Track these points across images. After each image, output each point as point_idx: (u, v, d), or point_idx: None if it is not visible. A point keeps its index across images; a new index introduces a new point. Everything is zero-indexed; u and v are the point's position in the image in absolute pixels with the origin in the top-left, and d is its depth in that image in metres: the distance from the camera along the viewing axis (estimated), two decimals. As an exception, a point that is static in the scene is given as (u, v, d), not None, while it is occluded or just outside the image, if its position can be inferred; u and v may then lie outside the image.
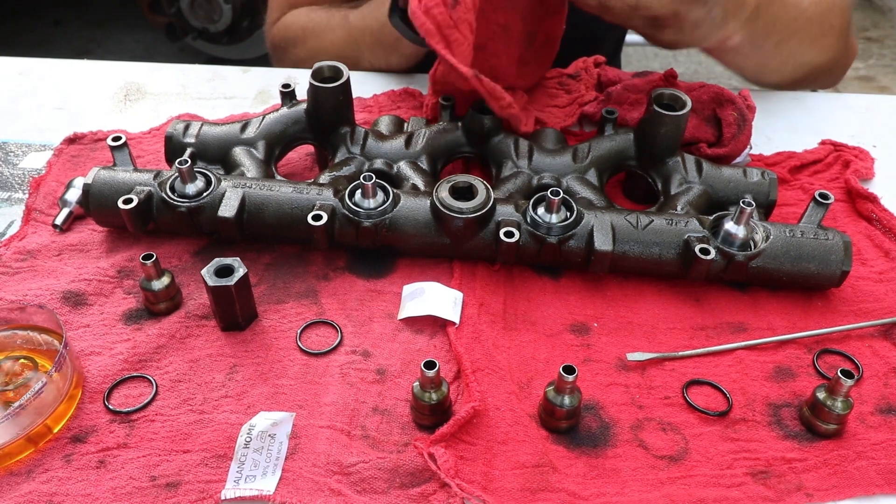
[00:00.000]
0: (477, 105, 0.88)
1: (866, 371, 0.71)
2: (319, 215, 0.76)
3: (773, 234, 0.76)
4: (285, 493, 0.60)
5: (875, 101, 1.12)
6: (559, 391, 0.64)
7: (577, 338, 0.74)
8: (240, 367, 0.70)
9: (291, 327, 0.74)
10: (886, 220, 0.86)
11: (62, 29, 3.51)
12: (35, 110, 1.07)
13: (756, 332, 0.75)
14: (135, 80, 1.14)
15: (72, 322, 0.74)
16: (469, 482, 0.60)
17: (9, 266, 0.80)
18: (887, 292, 0.79)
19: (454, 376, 0.70)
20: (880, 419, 0.67)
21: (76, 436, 0.64)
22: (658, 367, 0.72)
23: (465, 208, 0.76)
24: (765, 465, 0.63)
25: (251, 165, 0.85)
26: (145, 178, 0.81)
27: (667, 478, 0.62)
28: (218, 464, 0.62)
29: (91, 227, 0.85)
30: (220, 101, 1.09)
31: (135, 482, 0.61)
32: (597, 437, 0.66)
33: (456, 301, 0.75)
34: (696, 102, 0.92)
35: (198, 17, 2.97)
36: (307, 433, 0.65)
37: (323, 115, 0.88)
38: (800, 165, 0.96)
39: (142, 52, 3.34)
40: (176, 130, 0.88)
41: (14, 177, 0.95)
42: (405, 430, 0.65)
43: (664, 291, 0.79)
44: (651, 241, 0.76)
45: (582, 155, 0.87)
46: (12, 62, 1.18)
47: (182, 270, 0.80)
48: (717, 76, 3.38)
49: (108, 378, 0.69)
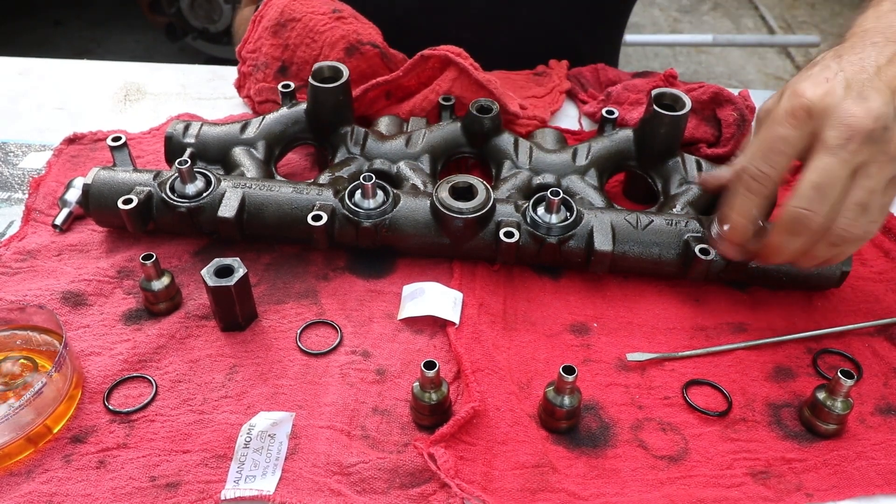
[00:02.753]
0: (476, 105, 0.88)
1: (866, 371, 0.71)
2: (319, 215, 0.76)
3: (773, 235, 0.76)
4: (285, 493, 0.60)
5: (875, 101, 1.12)
6: (559, 391, 0.64)
7: (577, 338, 0.74)
8: (240, 368, 0.70)
9: (291, 327, 0.74)
10: (886, 220, 0.86)
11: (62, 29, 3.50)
12: (35, 110, 1.07)
13: (756, 332, 0.75)
14: (135, 80, 1.14)
15: (72, 322, 0.74)
16: (469, 482, 0.60)
17: (9, 266, 0.80)
18: (887, 292, 0.79)
19: (454, 376, 0.70)
20: (880, 419, 0.67)
21: (76, 436, 0.64)
22: (658, 367, 0.72)
23: (465, 208, 0.76)
24: (765, 466, 0.63)
25: (251, 166, 0.85)
26: (145, 178, 0.81)
27: (667, 478, 0.62)
28: (218, 464, 0.62)
29: (91, 227, 0.85)
30: (220, 101, 1.09)
31: (135, 482, 0.61)
32: (597, 437, 0.66)
33: (456, 301, 0.75)
34: (696, 102, 0.92)
35: (198, 17, 2.97)
36: (307, 433, 0.65)
37: (323, 115, 0.88)
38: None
39: (142, 52, 3.34)
40: (176, 130, 0.88)
41: (14, 177, 0.95)
42: (405, 430, 0.65)
43: (664, 291, 0.79)
44: (651, 242, 0.76)
45: (582, 155, 0.87)
46: (12, 62, 1.18)
47: (182, 270, 0.80)
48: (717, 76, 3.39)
49: (108, 378, 0.69)
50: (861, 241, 0.66)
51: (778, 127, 0.66)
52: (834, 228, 0.64)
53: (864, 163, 0.63)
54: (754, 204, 0.68)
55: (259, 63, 1.01)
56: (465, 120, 0.89)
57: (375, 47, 0.98)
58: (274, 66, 1.00)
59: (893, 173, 0.64)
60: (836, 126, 0.63)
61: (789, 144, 0.65)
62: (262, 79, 1.01)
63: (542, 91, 1.08)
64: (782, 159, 0.66)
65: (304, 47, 0.97)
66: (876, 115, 0.62)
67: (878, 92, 0.63)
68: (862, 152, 0.62)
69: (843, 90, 0.64)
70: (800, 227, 0.65)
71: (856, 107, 0.62)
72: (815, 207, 0.64)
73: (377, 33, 1.01)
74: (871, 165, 0.63)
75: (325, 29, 0.97)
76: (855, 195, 0.63)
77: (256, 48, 1.01)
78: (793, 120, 0.65)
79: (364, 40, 0.98)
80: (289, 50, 0.98)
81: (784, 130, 0.65)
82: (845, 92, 0.63)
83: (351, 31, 0.98)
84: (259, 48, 1.01)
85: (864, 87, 0.63)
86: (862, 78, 0.64)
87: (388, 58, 1.00)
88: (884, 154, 0.62)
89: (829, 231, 0.65)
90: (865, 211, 0.64)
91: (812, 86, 0.65)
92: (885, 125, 0.62)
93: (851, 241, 0.65)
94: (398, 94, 0.98)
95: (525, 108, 0.98)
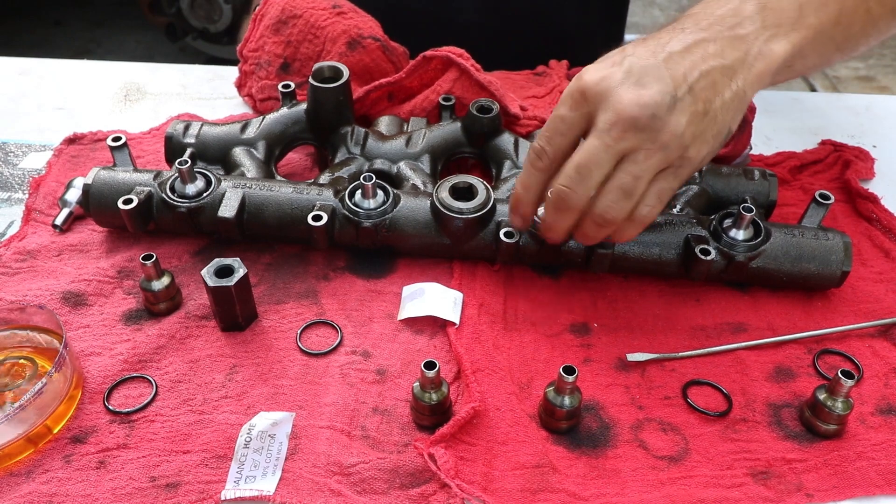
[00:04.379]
0: (477, 105, 0.88)
1: (866, 371, 0.71)
2: (319, 215, 0.76)
3: (774, 235, 0.76)
4: (285, 493, 0.60)
5: (875, 101, 1.12)
6: (559, 391, 0.64)
7: (578, 338, 0.74)
8: (240, 368, 0.70)
9: (291, 327, 0.74)
10: (886, 221, 0.86)
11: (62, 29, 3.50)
12: (35, 110, 1.07)
13: (756, 332, 0.75)
14: (135, 80, 1.14)
15: (72, 322, 0.74)
16: (469, 483, 0.60)
17: (9, 266, 0.80)
18: (887, 292, 0.79)
19: (454, 377, 0.70)
20: (880, 419, 0.67)
21: (76, 436, 0.64)
22: (658, 367, 0.72)
23: (465, 209, 0.76)
24: (765, 466, 0.63)
25: (251, 166, 0.85)
26: (145, 178, 0.81)
27: (667, 478, 0.62)
28: (218, 464, 0.62)
29: (91, 227, 0.85)
30: (220, 101, 1.09)
31: (135, 483, 0.61)
32: (597, 437, 0.66)
33: (456, 301, 0.75)
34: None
35: (198, 17, 2.97)
36: (307, 433, 0.65)
37: (323, 116, 0.88)
38: (800, 166, 0.96)
39: (142, 52, 3.34)
40: (176, 131, 0.88)
41: (14, 177, 0.95)
42: (405, 430, 0.65)
43: (664, 291, 0.79)
44: (651, 242, 0.76)
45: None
46: (12, 62, 1.18)
47: (182, 270, 0.80)
48: (717, 76, 3.38)
49: (108, 378, 0.69)
50: (637, 224, 0.67)
51: (560, 107, 0.67)
52: (595, 208, 0.66)
53: (632, 149, 0.63)
54: (536, 179, 0.69)
55: (262, 61, 1.01)
56: (465, 120, 0.89)
57: (377, 41, 0.98)
58: (276, 63, 1.00)
59: (664, 161, 0.64)
60: (605, 110, 0.63)
61: (567, 125, 0.66)
62: (264, 76, 1.01)
63: (543, 91, 1.08)
64: (560, 139, 0.67)
65: (306, 43, 0.98)
66: (645, 103, 0.62)
67: (657, 80, 0.63)
68: (627, 138, 0.63)
69: (623, 75, 0.64)
70: (562, 204, 0.66)
71: (627, 93, 0.63)
72: (575, 186, 0.65)
73: (377, 26, 1.01)
74: (639, 152, 0.63)
75: (327, 24, 0.98)
76: (617, 178, 0.64)
77: (258, 46, 1.01)
78: (570, 101, 0.66)
79: (365, 34, 0.98)
80: (291, 46, 0.99)
81: (563, 111, 0.67)
82: (624, 77, 0.64)
83: (352, 26, 0.98)
84: (261, 46, 1.01)
85: (645, 74, 0.63)
86: (646, 64, 0.64)
87: (389, 51, 1.00)
88: (652, 142, 0.62)
89: (591, 211, 0.66)
90: (628, 195, 0.64)
91: (595, 69, 0.66)
92: (654, 114, 0.62)
93: (614, 222, 0.66)
94: (400, 95, 0.98)
95: (525, 108, 0.98)
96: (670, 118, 0.62)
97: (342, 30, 0.97)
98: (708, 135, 0.64)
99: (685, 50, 0.65)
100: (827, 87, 3.28)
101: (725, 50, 0.65)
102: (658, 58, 0.64)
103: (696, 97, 0.63)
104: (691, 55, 0.64)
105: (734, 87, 0.65)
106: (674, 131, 0.62)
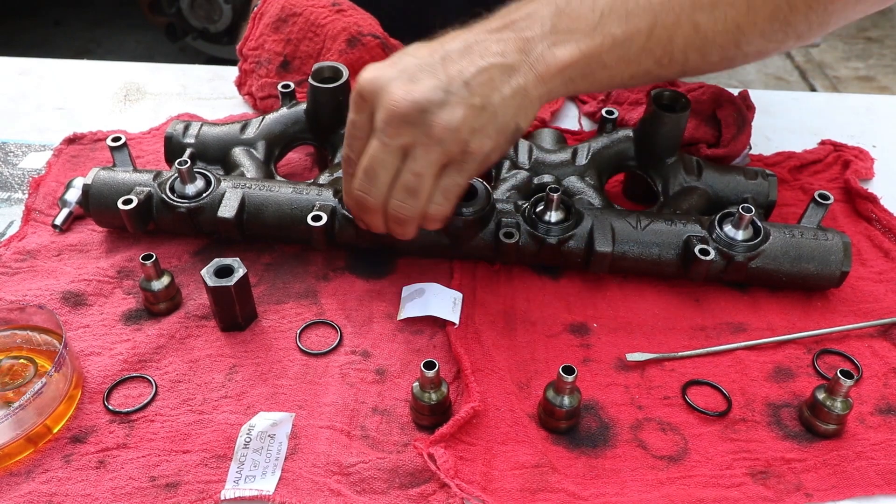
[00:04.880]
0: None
1: (866, 371, 0.71)
2: (319, 216, 0.76)
3: (773, 235, 0.76)
4: (285, 493, 0.60)
5: (875, 101, 1.12)
6: (559, 391, 0.64)
7: (577, 338, 0.74)
8: (239, 368, 0.70)
9: (291, 327, 0.74)
10: (886, 221, 0.86)
11: (62, 29, 3.50)
12: (35, 110, 1.07)
13: (756, 332, 0.75)
14: (135, 80, 1.14)
15: (71, 322, 0.74)
16: (469, 482, 0.60)
17: (8, 266, 0.80)
18: (887, 292, 0.79)
19: (454, 376, 0.70)
20: (880, 419, 0.67)
21: (76, 436, 0.64)
22: (658, 367, 0.72)
23: (466, 209, 0.76)
24: (764, 466, 0.63)
25: (251, 166, 0.85)
26: (145, 178, 0.81)
27: (666, 478, 0.62)
28: (217, 464, 0.62)
29: (91, 227, 0.85)
30: (220, 101, 1.09)
31: (134, 482, 0.61)
32: (596, 437, 0.66)
33: (455, 301, 0.75)
34: (696, 102, 0.92)
35: (198, 17, 2.97)
36: (307, 433, 0.65)
37: (323, 116, 0.88)
38: (799, 165, 0.96)
39: (142, 52, 3.34)
40: (176, 131, 0.88)
41: (14, 177, 0.95)
42: (405, 430, 0.65)
43: (664, 291, 0.79)
44: (651, 242, 0.76)
45: (581, 155, 0.87)
46: (12, 62, 1.18)
47: (182, 270, 0.80)
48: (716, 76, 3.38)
49: (108, 378, 0.69)
50: (433, 221, 0.68)
51: (350, 111, 0.67)
52: (388, 209, 0.66)
53: (409, 145, 0.63)
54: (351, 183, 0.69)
55: (262, 59, 1.01)
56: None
57: (376, 38, 0.99)
58: (276, 61, 1.00)
59: (444, 156, 0.64)
60: (380, 109, 0.64)
61: (358, 128, 0.67)
62: (264, 74, 1.01)
63: None
64: (358, 143, 0.67)
65: (306, 41, 0.98)
66: (414, 98, 0.62)
67: (430, 76, 0.63)
68: (402, 134, 0.63)
69: (396, 73, 0.64)
70: (360, 206, 0.68)
71: (398, 90, 0.63)
72: (366, 189, 0.66)
73: (376, 23, 1.02)
74: (417, 148, 0.63)
75: (327, 22, 0.98)
76: (402, 177, 0.64)
77: (258, 45, 1.01)
78: (353, 104, 0.67)
79: (365, 31, 0.98)
80: (291, 44, 0.99)
81: (352, 115, 0.67)
82: (396, 75, 0.64)
83: (352, 23, 0.98)
84: (261, 45, 1.01)
85: (419, 71, 0.64)
86: (421, 63, 0.64)
87: (389, 48, 1.00)
88: (427, 137, 0.62)
89: (386, 211, 0.67)
90: (414, 194, 0.65)
91: (371, 69, 0.66)
92: (424, 108, 0.62)
93: (411, 220, 0.67)
94: None
95: None
96: (442, 112, 0.62)
97: (342, 27, 0.98)
98: (490, 129, 0.64)
99: (465, 49, 0.65)
100: (827, 87, 3.28)
101: (508, 50, 0.65)
102: (435, 57, 0.65)
103: (473, 92, 0.63)
104: (470, 54, 0.65)
105: (514, 84, 0.64)
106: (447, 125, 0.62)
